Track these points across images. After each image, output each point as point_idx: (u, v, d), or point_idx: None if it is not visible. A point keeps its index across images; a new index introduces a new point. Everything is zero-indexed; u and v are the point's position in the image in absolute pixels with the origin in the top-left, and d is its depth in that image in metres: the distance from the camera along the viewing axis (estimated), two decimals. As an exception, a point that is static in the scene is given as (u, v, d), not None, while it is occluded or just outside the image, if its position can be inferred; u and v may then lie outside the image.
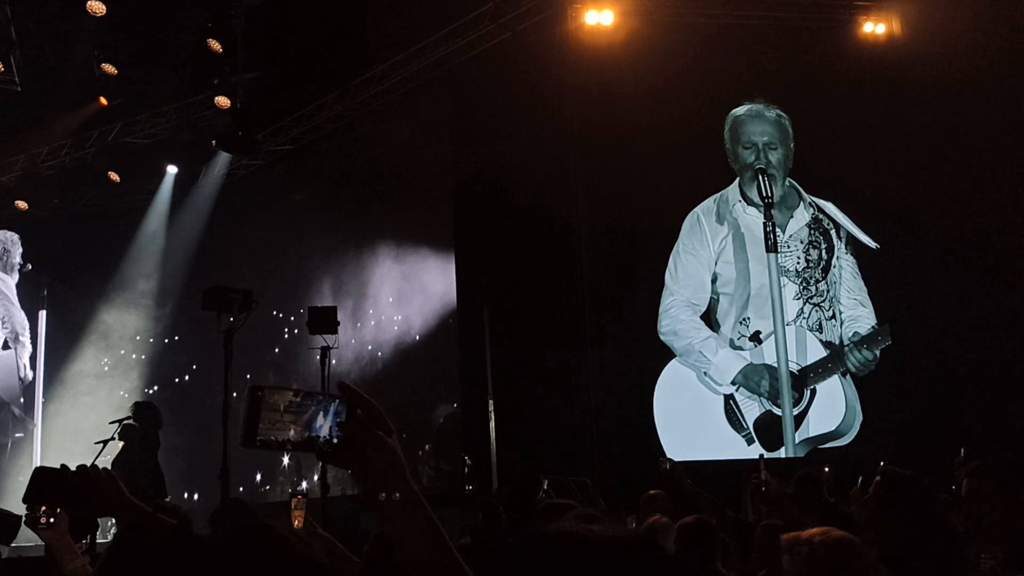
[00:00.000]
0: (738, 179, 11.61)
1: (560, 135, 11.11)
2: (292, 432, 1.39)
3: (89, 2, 11.33)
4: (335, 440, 1.39)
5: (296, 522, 3.09)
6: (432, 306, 12.82)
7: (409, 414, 11.85)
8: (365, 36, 12.22)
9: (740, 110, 11.69)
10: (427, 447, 12.31)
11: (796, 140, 11.63)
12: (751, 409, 10.92)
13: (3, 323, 14.29)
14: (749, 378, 11.02)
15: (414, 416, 11.93)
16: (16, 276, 14.54)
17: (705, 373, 11.05)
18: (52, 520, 3.31)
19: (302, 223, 14.50)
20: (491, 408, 10.11)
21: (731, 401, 10.97)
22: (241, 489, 12.50)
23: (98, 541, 5.60)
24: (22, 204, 14.33)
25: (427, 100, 12.96)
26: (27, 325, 14.48)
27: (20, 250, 14.61)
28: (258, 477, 13.43)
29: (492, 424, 10.06)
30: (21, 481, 11.89)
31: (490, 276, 10.55)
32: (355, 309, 13.48)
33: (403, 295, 13.33)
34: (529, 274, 10.95)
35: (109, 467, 9.02)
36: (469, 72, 12.00)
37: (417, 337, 13.00)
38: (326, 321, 9.66)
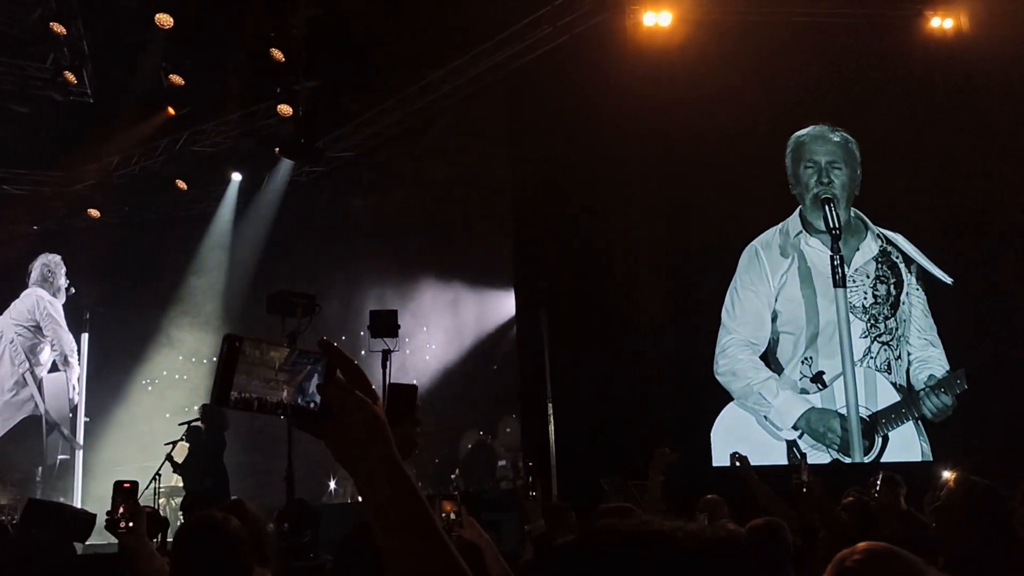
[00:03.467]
0: (800, 208, 11.01)
1: (616, 143, 11.01)
2: (285, 394, 1.25)
3: (157, 15, 11.68)
4: (311, 405, 1.26)
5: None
6: (489, 316, 12.95)
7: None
8: (423, 42, 12.37)
9: (803, 132, 11.16)
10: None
11: (863, 166, 11.04)
12: (817, 458, 10.05)
13: (53, 346, 14.69)
14: (814, 424, 10.34)
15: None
16: (63, 298, 14.93)
17: (765, 417, 10.43)
18: (131, 524, 3.47)
19: (361, 228, 14.73)
20: (550, 412, 10.12)
21: (795, 448, 10.28)
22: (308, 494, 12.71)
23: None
24: (95, 212, 14.80)
25: (484, 106, 13.06)
26: (75, 347, 14.86)
27: (64, 269, 15.00)
28: (332, 485, 13.53)
29: (552, 429, 10.07)
30: (63, 501, 12.29)
31: (549, 283, 10.57)
32: (411, 314, 13.63)
33: (458, 306, 13.48)
34: (586, 293, 10.87)
35: (180, 466, 9.24)
36: (525, 77, 12.04)
37: (472, 347, 13.14)
38: (387, 324, 9.79)
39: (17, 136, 14.69)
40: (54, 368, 14.67)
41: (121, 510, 3.57)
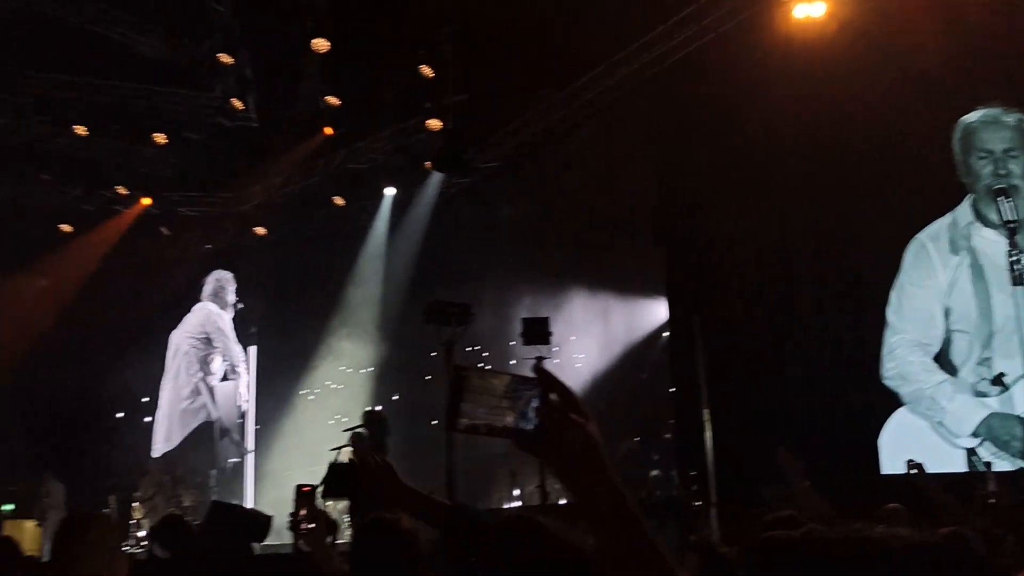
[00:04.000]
0: (971, 196, 10.03)
1: (765, 141, 10.73)
2: (510, 418, 1.35)
3: (313, 40, 12.31)
4: (531, 427, 1.35)
5: None
6: (638, 324, 12.87)
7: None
8: (566, 49, 12.45)
9: (972, 117, 10.06)
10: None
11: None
12: (998, 466, 8.95)
13: (223, 356, 15.57)
14: (996, 431, 9.43)
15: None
16: (231, 312, 15.78)
17: (940, 423, 9.72)
18: (312, 525, 3.67)
19: (508, 237, 14.94)
20: (706, 419, 9.96)
21: (973, 457, 9.43)
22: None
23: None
24: (260, 230, 15.67)
25: (628, 110, 13.01)
26: (243, 358, 15.68)
27: (234, 286, 15.84)
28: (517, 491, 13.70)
29: (708, 436, 9.92)
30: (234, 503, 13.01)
31: (701, 288, 10.42)
32: (560, 322, 13.70)
33: (607, 313, 13.46)
34: (739, 297, 10.65)
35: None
36: (669, 80, 11.92)
37: (621, 356, 13.08)
38: (539, 331, 9.89)
39: (191, 161, 15.81)
40: (225, 377, 15.60)
41: (302, 512, 3.77)
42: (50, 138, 15.25)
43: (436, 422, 13.31)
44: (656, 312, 13.25)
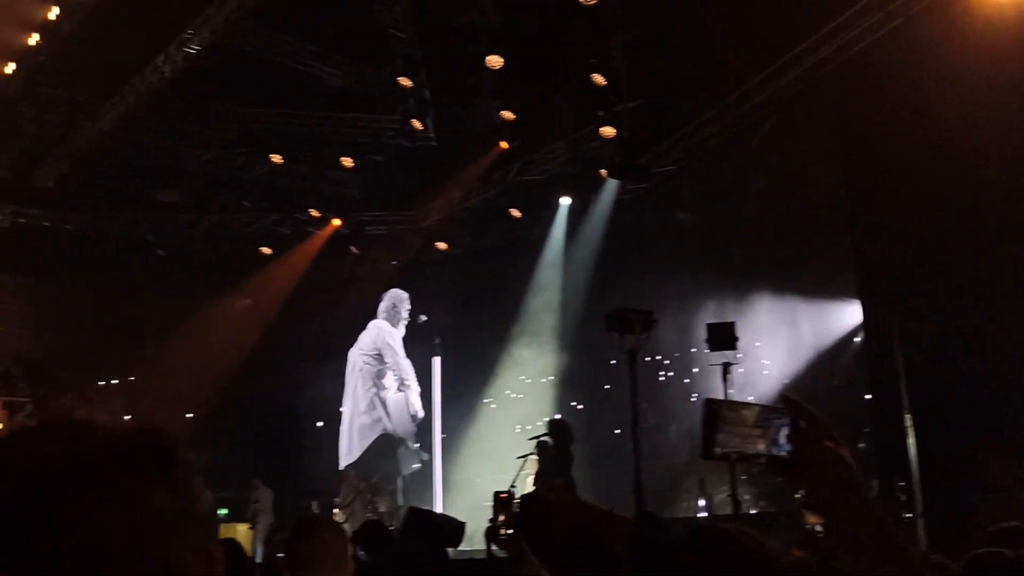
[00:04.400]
0: None
1: (964, 131, 10.01)
2: (761, 446, 1.42)
3: (488, 57, 12.65)
4: (785, 454, 1.41)
5: None
6: (828, 328, 12.34)
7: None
8: (742, 46, 12.17)
9: None
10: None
11: None
12: None
13: (393, 372, 16.15)
14: None
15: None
16: (403, 329, 16.31)
17: None
18: (511, 531, 3.76)
19: (688, 242, 14.72)
20: (908, 424, 9.43)
21: None
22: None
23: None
24: (442, 245, 16.22)
25: (811, 105, 12.53)
26: (412, 370, 16.17)
27: (408, 305, 16.37)
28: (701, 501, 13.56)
29: (911, 442, 9.37)
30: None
31: (897, 289, 9.88)
32: (745, 328, 13.34)
33: (795, 317, 12.98)
34: (940, 297, 10.00)
35: (532, 481, 9.78)
36: (854, 71, 11.38)
37: (810, 361, 12.57)
38: (725, 337, 9.68)
39: (376, 182, 16.61)
40: (398, 390, 16.29)
41: (501, 518, 3.85)
42: (250, 167, 16.45)
43: (619, 431, 13.30)
44: (847, 315, 12.66)
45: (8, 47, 14.19)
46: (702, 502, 12.82)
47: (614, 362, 12.10)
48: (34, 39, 13.87)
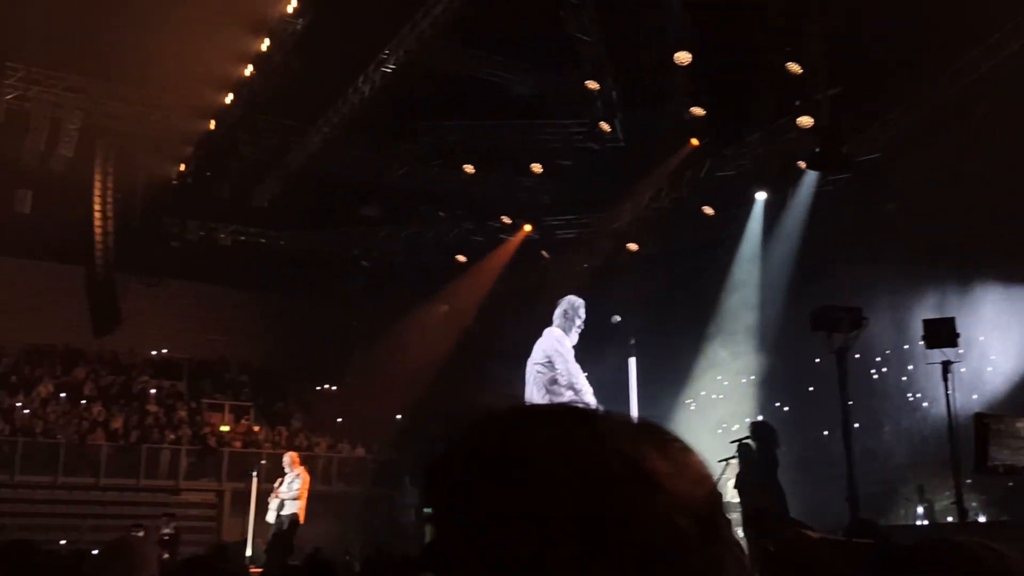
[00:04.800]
0: None
1: None
2: None
3: (676, 54, 12.49)
4: None
5: None
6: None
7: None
8: (952, 24, 11.34)
9: None
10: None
11: None
12: None
13: (562, 377, 16.13)
14: None
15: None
16: (575, 337, 16.25)
17: None
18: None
19: (896, 233, 13.87)
20: None
21: None
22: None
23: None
24: (633, 246, 16.15)
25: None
26: (581, 374, 16.03)
27: (583, 311, 16.29)
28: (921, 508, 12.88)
29: None
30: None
31: None
32: (965, 323, 12.41)
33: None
34: None
35: (735, 483, 9.53)
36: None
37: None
38: (944, 333, 9.03)
39: (564, 187, 16.79)
40: (573, 395, 16.33)
41: None
42: (444, 179, 17.08)
43: (827, 432, 12.72)
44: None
45: (226, 79, 15.48)
46: (920, 509, 12.06)
47: (819, 360, 11.61)
48: (248, 70, 15.05)
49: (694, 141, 14.25)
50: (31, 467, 18.59)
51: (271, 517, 12.62)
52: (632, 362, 15.88)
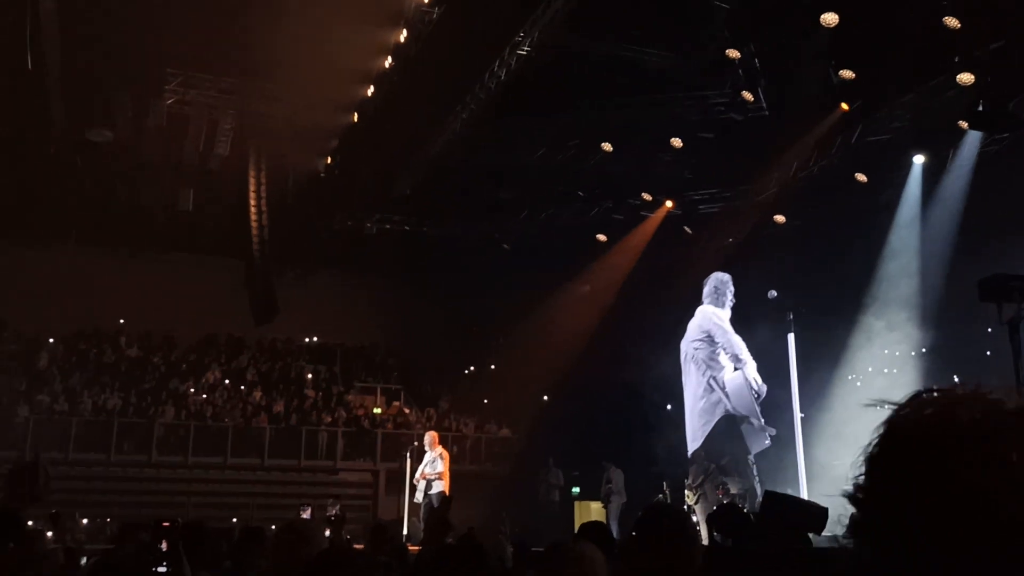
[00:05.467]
0: None
1: None
2: None
3: (822, 15, 11.98)
4: None
5: None
6: None
7: None
8: None
9: None
10: None
11: None
12: None
13: (725, 350, 15.64)
14: None
15: None
16: (728, 312, 15.81)
17: None
18: None
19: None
20: None
21: None
22: None
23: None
24: (780, 218, 15.67)
25: None
26: (743, 346, 15.59)
27: (731, 289, 15.87)
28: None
29: None
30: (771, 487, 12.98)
31: None
32: None
33: None
34: None
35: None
36: None
37: None
38: None
39: (706, 160, 16.46)
40: (735, 368, 15.86)
41: None
42: (582, 159, 17.05)
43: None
44: None
45: (367, 72, 15.97)
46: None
47: (991, 330, 10.98)
48: (387, 62, 15.46)
49: (844, 106, 13.66)
50: (202, 450, 19.92)
51: (420, 497, 13.08)
52: (791, 338, 15.48)
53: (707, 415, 15.87)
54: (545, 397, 22.82)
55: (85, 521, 16.40)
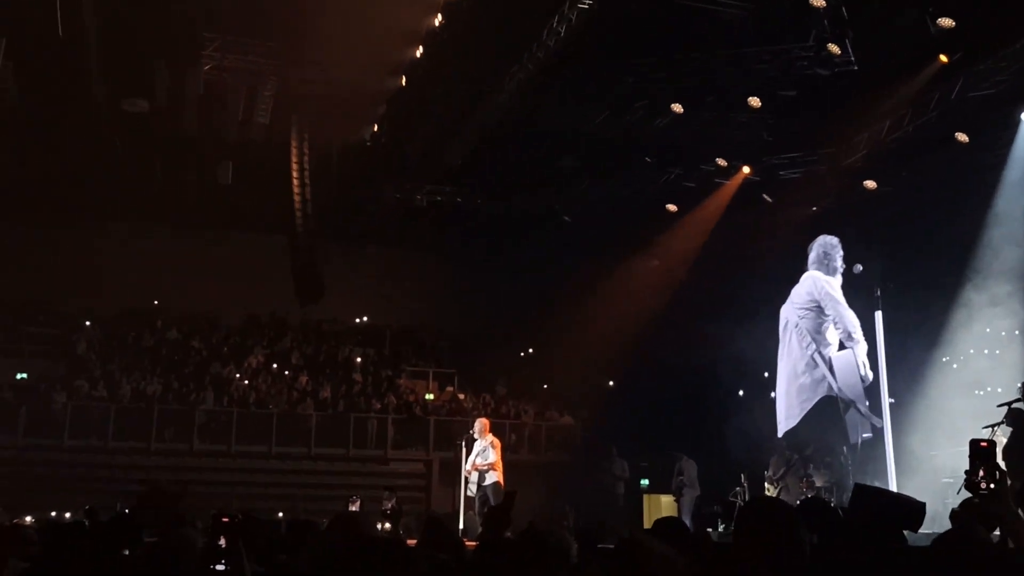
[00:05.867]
0: None
1: None
2: None
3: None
4: None
5: None
6: None
7: None
8: None
9: None
10: None
11: None
12: None
13: (835, 324, 15.22)
14: None
15: None
16: (839, 279, 15.35)
17: None
18: (992, 486, 3.53)
19: None
20: None
21: None
22: None
23: None
24: (870, 183, 15.28)
25: None
26: (858, 324, 15.16)
27: (840, 251, 15.45)
28: None
29: None
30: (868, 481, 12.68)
31: None
32: None
33: None
34: None
35: (1004, 450, 8.93)
36: None
37: None
38: None
39: (786, 121, 16.11)
40: (841, 347, 15.39)
41: (981, 472, 3.66)
42: (649, 122, 16.81)
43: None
44: None
45: (415, 32, 15.94)
46: None
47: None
48: (438, 18, 15.39)
49: (942, 58, 13.22)
50: (246, 437, 20.30)
51: (473, 490, 13.12)
52: (878, 316, 15.12)
53: (808, 392, 15.47)
54: (611, 382, 22.75)
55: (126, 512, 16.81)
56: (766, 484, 14.80)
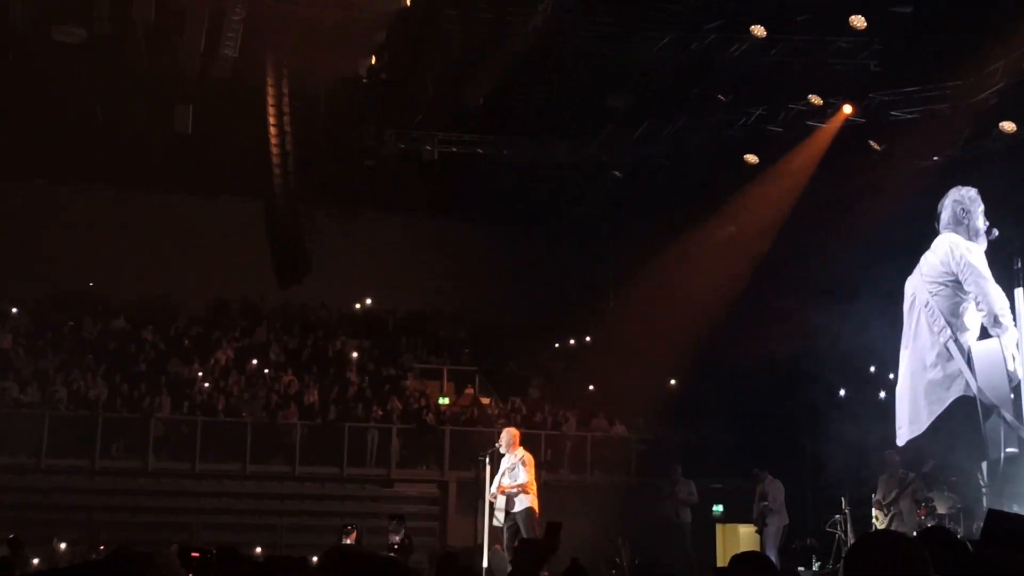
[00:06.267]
0: None
1: None
2: None
3: None
4: None
5: None
6: None
7: None
8: None
9: None
10: None
11: None
12: None
13: (978, 304, 14.76)
14: None
15: None
16: (983, 243, 14.98)
17: None
18: None
19: None
20: None
21: None
22: None
23: None
24: (1008, 126, 15.13)
25: None
26: (1006, 304, 14.86)
27: (981, 207, 15.16)
28: None
29: None
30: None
31: None
32: None
33: None
34: None
35: None
36: None
37: None
38: None
39: (900, 48, 15.96)
40: (983, 334, 15.03)
41: None
42: (722, 48, 16.71)
43: None
44: None
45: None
46: None
47: None
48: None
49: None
50: (213, 453, 20.42)
51: (500, 518, 13.13)
52: (1018, 293, 14.95)
53: (939, 391, 15.08)
54: (672, 381, 22.71)
55: (63, 546, 16.96)
56: (873, 510, 14.78)
